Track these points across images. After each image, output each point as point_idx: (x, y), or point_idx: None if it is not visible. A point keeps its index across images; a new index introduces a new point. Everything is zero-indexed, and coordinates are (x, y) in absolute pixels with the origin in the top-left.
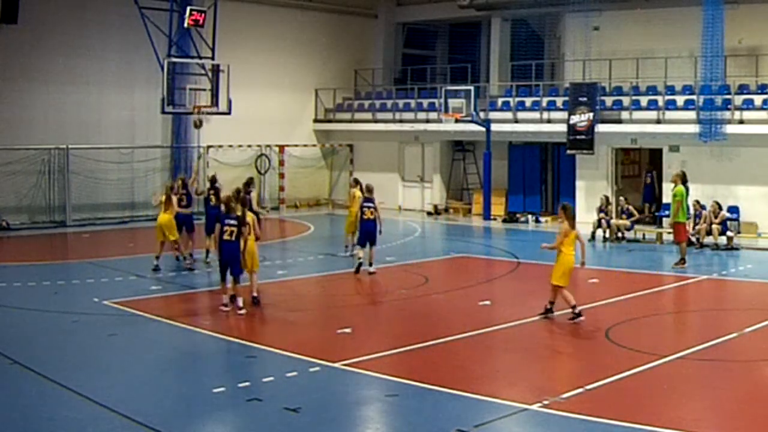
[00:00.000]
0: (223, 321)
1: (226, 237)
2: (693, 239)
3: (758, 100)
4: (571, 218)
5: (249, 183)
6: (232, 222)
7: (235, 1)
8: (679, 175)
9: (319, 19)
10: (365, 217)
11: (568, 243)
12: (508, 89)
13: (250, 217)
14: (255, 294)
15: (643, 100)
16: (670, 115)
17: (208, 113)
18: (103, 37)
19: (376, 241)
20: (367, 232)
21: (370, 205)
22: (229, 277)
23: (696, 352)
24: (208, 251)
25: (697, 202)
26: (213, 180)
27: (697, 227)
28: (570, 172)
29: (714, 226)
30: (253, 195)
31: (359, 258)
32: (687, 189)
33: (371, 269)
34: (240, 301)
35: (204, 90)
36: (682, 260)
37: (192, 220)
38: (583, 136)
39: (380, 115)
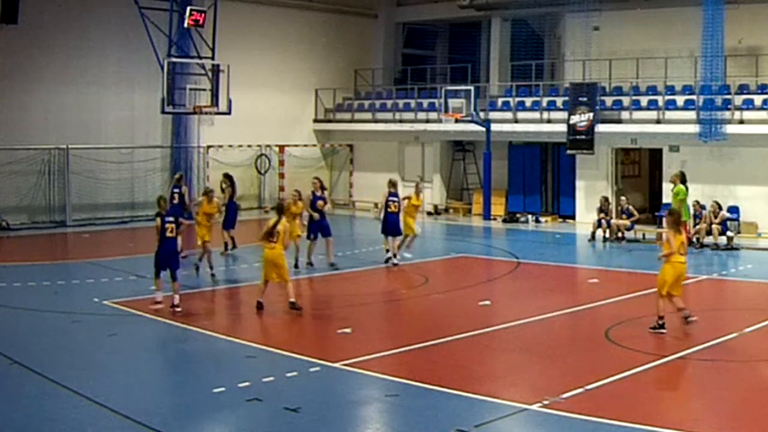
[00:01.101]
0: (223, 321)
1: (168, 234)
2: (693, 239)
3: (758, 100)
4: (676, 224)
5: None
6: (171, 220)
7: (235, 1)
8: (678, 175)
9: (319, 19)
10: (389, 210)
11: (674, 249)
12: (508, 89)
13: (282, 225)
14: (292, 299)
15: (643, 100)
16: (670, 115)
17: (209, 113)
18: (103, 37)
19: (400, 233)
20: (392, 224)
21: (395, 199)
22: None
23: (696, 352)
24: (226, 245)
25: (697, 202)
26: (228, 176)
27: (696, 227)
28: (570, 172)
29: (714, 226)
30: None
31: (386, 250)
32: (686, 189)
33: (395, 260)
34: (177, 299)
35: (204, 90)
36: None
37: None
38: (583, 136)
39: (380, 115)
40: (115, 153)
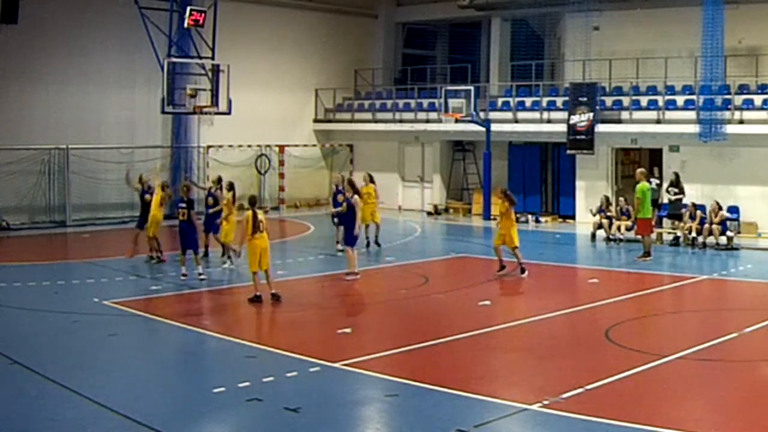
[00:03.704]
0: (223, 321)
1: (180, 218)
2: (691, 238)
3: (758, 100)
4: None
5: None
6: (182, 205)
7: (235, 1)
8: (644, 173)
9: (319, 19)
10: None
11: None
12: (508, 89)
13: (261, 214)
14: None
15: (643, 100)
16: (670, 115)
17: (209, 113)
18: (103, 37)
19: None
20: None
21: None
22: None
23: (696, 352)
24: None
25: (693, 204)
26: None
27: (704, 226)
28: (570, 172)
29: (714, 226)
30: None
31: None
32: (652, 187)
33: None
34: (200, 269)
35: (204, 90)
36: (647, 254)
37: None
38: (583, 136)
39: (380, 115)
40: (115, 153)
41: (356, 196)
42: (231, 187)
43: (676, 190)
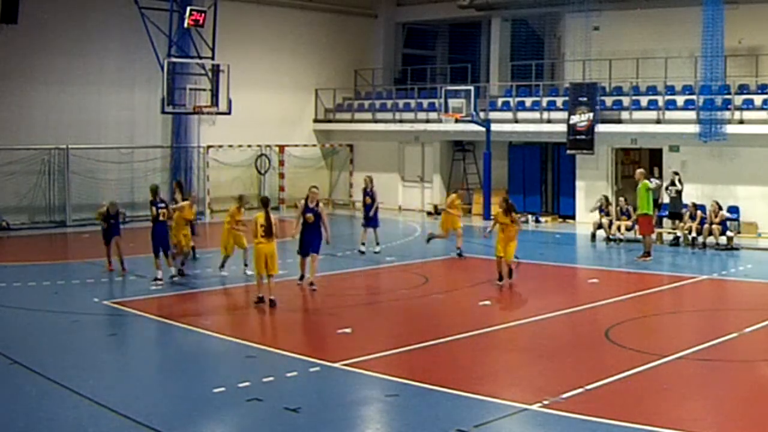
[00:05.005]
0: (223, 321)
1: (161, 218)
2: (691, 238)
3: (758, 100)
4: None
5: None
6: (162, 206)
7: (235, 1)
8: (644, 173)
9: (319, 19)
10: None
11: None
12: (508, 89)
13: (273, 218)
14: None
15: (643, 100)
16: (670, 115)
17: (209, 113)
18: (103, 37)
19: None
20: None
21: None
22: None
23: (696, 352)
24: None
25: (693, 204)
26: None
27: (704, 226)
28: (570, 172)
29: (714, 226)
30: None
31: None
32: (653, 186)
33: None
34: (173, 270)
35: (204, 90)
36: (647, 253)
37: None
38: (583, 136)
39: (380, 115)
40: (115, 153)
41: (321, 204)
42: (180, 188)
43: (677, 187)
